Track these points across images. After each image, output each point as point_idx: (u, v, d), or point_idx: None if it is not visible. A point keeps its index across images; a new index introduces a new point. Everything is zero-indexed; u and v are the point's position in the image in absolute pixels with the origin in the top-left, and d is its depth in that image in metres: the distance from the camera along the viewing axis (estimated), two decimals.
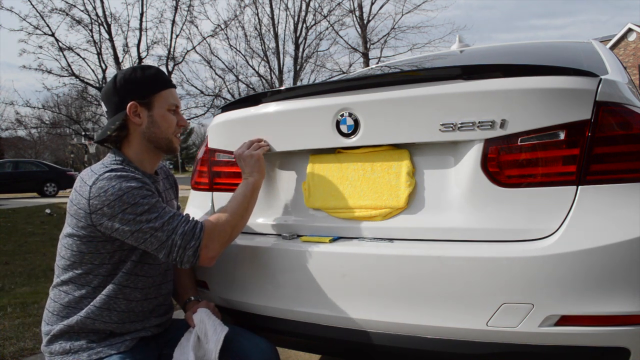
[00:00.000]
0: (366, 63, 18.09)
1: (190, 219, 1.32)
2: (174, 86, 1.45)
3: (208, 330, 1.36)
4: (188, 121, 1.47)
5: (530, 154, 1.18)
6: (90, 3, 14.97)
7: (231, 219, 1.35)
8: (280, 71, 19.19)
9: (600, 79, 1.16)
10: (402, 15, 18.02)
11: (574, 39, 2.30)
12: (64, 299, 1.32)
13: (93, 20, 14.92)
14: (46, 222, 8.38)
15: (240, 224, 1.39)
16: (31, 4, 13.92)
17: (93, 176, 1.27)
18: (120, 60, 15.25)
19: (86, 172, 1.31)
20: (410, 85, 1.28)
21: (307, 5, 18.51)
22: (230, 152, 1.58)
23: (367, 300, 1.27)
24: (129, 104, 1.35)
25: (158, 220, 1.26)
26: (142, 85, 1.37)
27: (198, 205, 1.71)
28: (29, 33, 14.30)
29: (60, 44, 14.56)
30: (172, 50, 15.75)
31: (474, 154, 1.23)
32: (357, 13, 18.03)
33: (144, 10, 15.17)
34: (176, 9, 15.65)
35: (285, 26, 22.33)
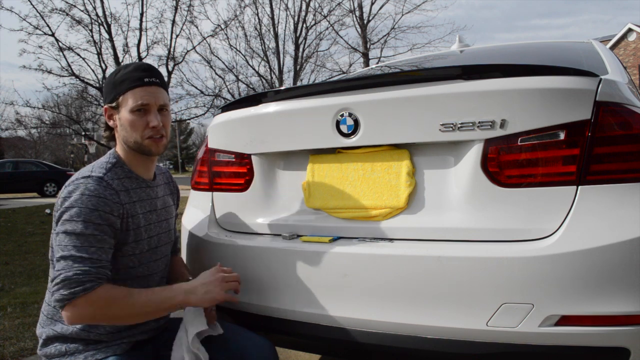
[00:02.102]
0: (366, 63, 18.07)
1: (94, 272, 1.14)
2: (146, 83, 1.29)
3: (187, 327, 1.33)
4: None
5: (530, 154, 1.18)
6: (90, 3, 14.92)
7: (127, 308, 1.18)
8: (280, 71, 19.17)
9: (600, 79, 1.16)
10: (402, 15, 17.96)
11: (575, 39, 2.30)
12: None
13: (93, 20, 14.88)
14: (46, 222, 8.37)
15: (127, 319, 1.22)
16: (31, 4, 13.88)
17: (74, 177, 1.26)
18: (121, 60, 15.21)
19: (78, 172, 1.31)
20: (410, 85, 1.28)
21: (307, 5, 18.48)
22: (231, 152, 1.58)
23: (367, 300, 1.27)
24: (104, 108, 1.34)
25: (73, 250, 1.15)
26: (113, 88, 1.31)
27: (198, 205, 1.71)
28: (29, 33, 14.26)
29: (60, 44, 14.51)
30: (172, 50, 15.71)
31: (474, 154, 1.23)
32: (357, 13, 18.01)
33: (144, 10, 15.11)
34: (176, 9, 15.61)
35: (285, 26, 22.27)
